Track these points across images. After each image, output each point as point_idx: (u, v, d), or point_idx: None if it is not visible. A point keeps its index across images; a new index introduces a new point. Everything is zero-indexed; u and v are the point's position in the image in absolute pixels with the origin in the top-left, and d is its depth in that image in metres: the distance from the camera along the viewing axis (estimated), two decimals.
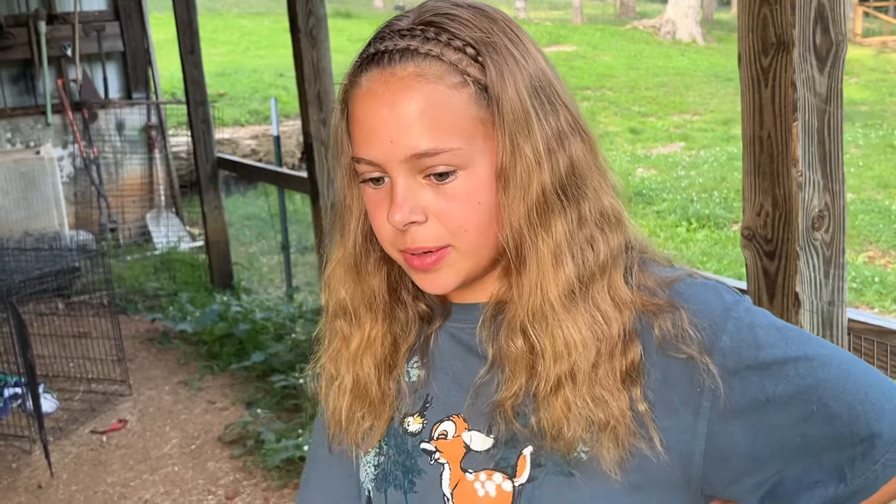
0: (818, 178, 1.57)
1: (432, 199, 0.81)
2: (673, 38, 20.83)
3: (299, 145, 9.47)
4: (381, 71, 0.81)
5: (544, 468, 0.84)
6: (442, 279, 0.85)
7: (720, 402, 0.80)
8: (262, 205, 8.14)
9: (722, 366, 0.80)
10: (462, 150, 0.80)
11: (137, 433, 3.97)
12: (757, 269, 1.65)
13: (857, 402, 0.80)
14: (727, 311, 0.83)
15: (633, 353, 0.82)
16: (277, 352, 4.36)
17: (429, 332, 0.95)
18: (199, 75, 5.55)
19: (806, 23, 1.51)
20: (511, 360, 0.84)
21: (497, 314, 0.87)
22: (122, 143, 7.01)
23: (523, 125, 0.80)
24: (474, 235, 0.82)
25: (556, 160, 0.81)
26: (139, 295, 5.77)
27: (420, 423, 0.93)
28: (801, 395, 0.80)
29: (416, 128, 0.79)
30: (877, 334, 1.62)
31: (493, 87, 0.80)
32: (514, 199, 0.81)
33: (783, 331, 0.83)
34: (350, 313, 0.94)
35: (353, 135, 0.84)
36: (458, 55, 0.80)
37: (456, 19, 0.81)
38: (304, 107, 3.73)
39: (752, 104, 1.59)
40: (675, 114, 13.40)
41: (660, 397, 0.82)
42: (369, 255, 0.92)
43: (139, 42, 7.02)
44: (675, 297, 0.84)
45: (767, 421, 0.81)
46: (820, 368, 0.81)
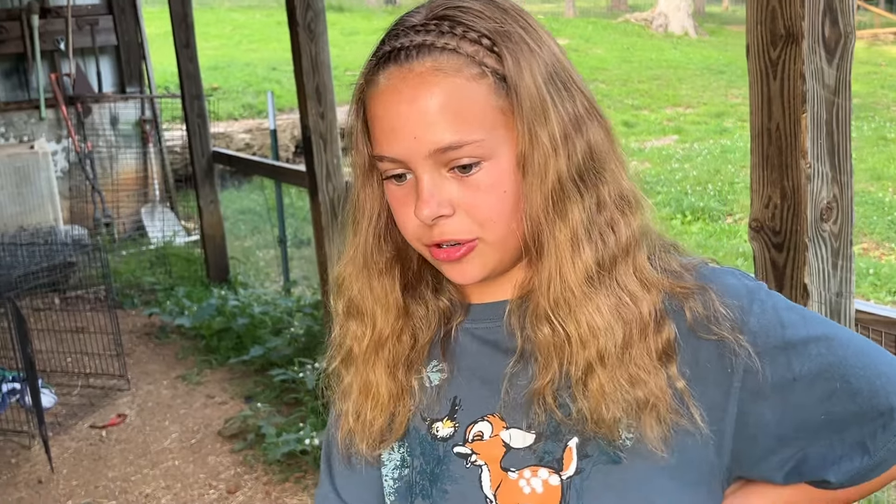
0: (826, 169, 1.57)
1: (458, 192, 0.81)
2: (665, 31, 20.84)
3: (293, 139, 9.45)
4: (399, 68, 0.81)
5: (591, 458, 0.84)
6: (471, 269, 0.84)
7: (750, 382, 0.82)
8: (257, 199, 8.13)
9: (752, 345, 0.82)
10: (485, 140, 0.80)
11: (137, 428, 3.97)
12: (765, 261, 1.66)
13: (875, 377, 0.84)
14: (752, 294, 0.85)
15: (668, 332, 0.82)
16: (276, 346, 4.36)
17: (448, 328, 0.94)
18: (195, 69, 5.53)
19: (815, 14, 1.51)
20: (541, 349, 0.84)
21: (523, 304, 0.88)
22: (117, 138, 6.98)
23: (540, 113, 0.81)
24: (502, 225, 0.82)
25: (574, 146, 0.82)
26: (135, 289, 5.76)
27: (451, 427, 0.92)
28: (825, 373, 0.83)
29: (439, 122, 0.79)
30: (884, 325, 1.63)
31: (511, 76, 0.80)
32: (532, 186, 0.81)
33: (801, 312, 0.87)
34: (362, 311, 0.93)
35: (374, 133, 0.84)
36: (474, 47, 0.80)
37: (469, 11, 0.82)
38: (302, 100, 3.72)
39: (760, 96, 1.59)
40: (668, 107, 13.41)
41: (694, 378, 0.83)
42: (381, 254, 0.92)
43: (133, 36, 6.99)
44: (703, 280, 0.85)
45: (794, 399, 0.83)
46: (839, 347, 0.84)
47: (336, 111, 3.81)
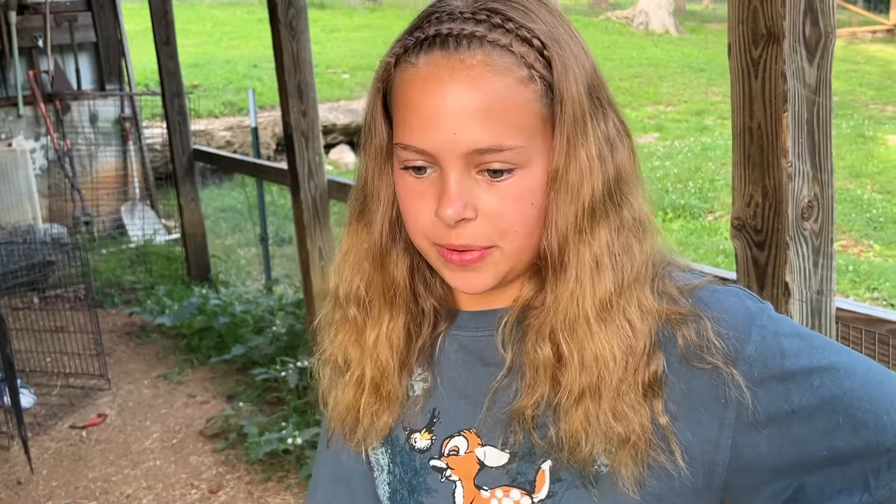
0: (807, 168, 1.58)
1: (486, 197, 0.77)
2: (646, 29, 20.91)
3: (274, 136, 9.41)
4: (447, 55, 0.75)
5: (564, 483, 0.82)
6: (480, 278, 0.81)
7: (745, 413, 0.78)
8: (238, 196, 8.09)
9: (748, 376, 0.78)
10: (524, 148, 0.76)
11: (117, 428, 3.94)
12: (747, 260, 1.67)
13: (882, 411, 0.78)
14: (752, 319, 0.80)
15: (656, 365, 0.79)
16: (258, 345, 4.34)
17: (435, 336, 0.91)
18: (175, 66, 5.50)
19: (796, 14, 1.52)
20: (534, 368, 0.81)
21: (521, 319, 0.84)
22: (96, 135, 6.93)
23: (581, 128, 0.77)
24: (522, 237, 0.79)
25: (607, 166, 0.79)
26: (115, 288, 5.72)
27: (428, 439, 0.90)
28: (827, 406, 0.78)
29: (482, 122, 0.75)
30: (864, 322, 1.64)
31: (559, 84, 0.76)
32: (564, 203, 0.78)
33: (807, 339, 0.81)
34: (365, 303, 0.90)
35: (404, 119, 0.78)
36: (525, 48, 0.76)
37: (519, 9, 0.77)
38: (283, 98, 3.71)
39: (742, 95, 1.60)
40: (649, 105, 13.47)
41: (682, 408, 0.80)
42: (395, 244, 0.87)
43: (112, 33, 6.94)
44: (698, 305, 0.81)
45: (793, 433, 0.78)
46: (845, 378, 0.79)
47: (318, 109, 3.79)
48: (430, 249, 0.82)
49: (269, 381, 4.03)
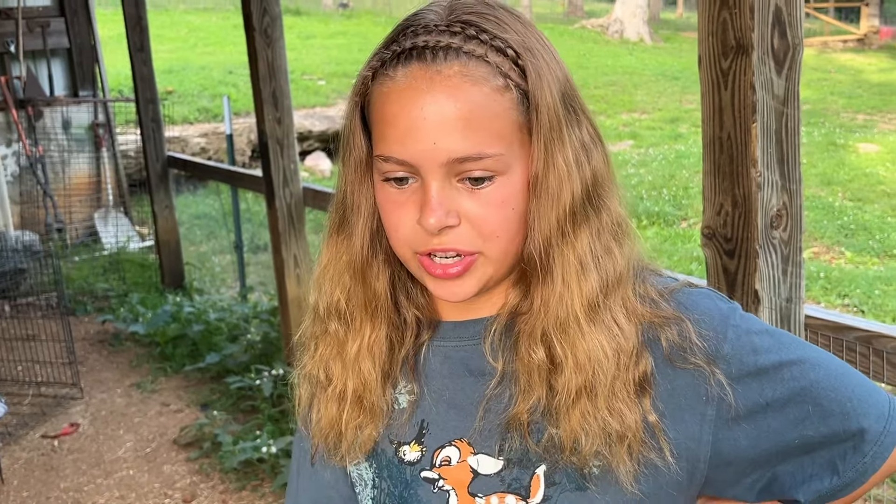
0: (776, 178, 1.60)
1: (468, 204, 0.79)
2: (621, 37, 21.05)
3: (250, 143, 9.38)
4: (425, 67, 0.77)
5: (558, 486, 0.84)
6: (463, 286, 0.82)
7: (725, 409, 0.82)
8: (213, 203, 8.05)
9: (726, 373, 0.82)
10: (503, 156, 0.78)
11: (90, 437, 3.91)
12: (717, 268, 1.68)
13: (846, 399, 0.85)
14: (726, 320, 0.84)
15: (645, 365, 0.82)
16: (232, 353, 4.32)
17: (417, 347, 0.92)
18: (149, 73, 5.47)
19: (764, 26, 1.54)
20: (528, 372, 0.82)
21: (510, 326, 0.85)
22: (69, 142, 6.87)
23: (557, 134, 0.79)
24: (505, 242, 0.80)
25: (584, 172, 0.81)
26: (88, 296, 5.67)
27: (418, 451, 0.90)
28: (797, 397, 0.83)
29: (462, 131, 0.76)
30: (833, 330, 1.67)
31: (533, 93, 0.78)
32: (544, 207, 0.79)
33: (775, 335, 0.86)
34: (346, 316, 0.90)
35: (383, 132, 0.79)
36: (500, 57, 0.78)
37: (492, 20, 0.79)
38: (258, 106, 3.70)
39: (712, 106, 1.62)
40: (623, 112, 13.55)
41: (668, 408, 0.83)
42: (376, 256, 0.88)
43: (85, 39, 6.89)
44: (679, 308, 0.84)
45: (767, 424, 0.83)
46: (811, 370, 0.85)
47: (293, 116, 3.79)
48: (413, 259, 0.83)
49: (244, 389, 4.01)
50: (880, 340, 1.59)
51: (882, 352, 1.59)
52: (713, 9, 1.58)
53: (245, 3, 3.58)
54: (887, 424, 0.86)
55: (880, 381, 1.61)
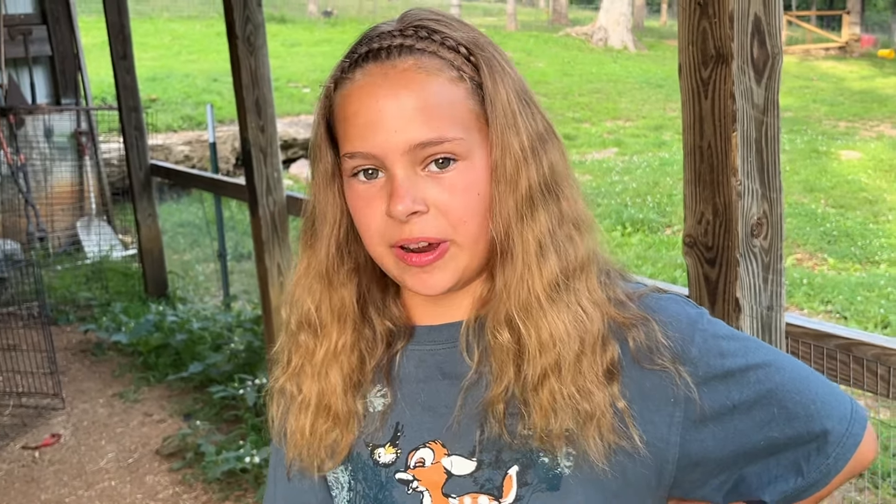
0: (756, 186, 1.61)
1: (434, 191, 0.82)
2: (605, 44, 21.15)
3: (234, 151, 9.36)
4: (381, 65, 0.82)
5: (530, 486, 0.85)
6: (439, 278, 0.84)
7: (692, 411, 0.84)
8: (197, 211, 8.02)
9: (693, 376, 0.84)
10: (463, 140, 0.81)
11: (72, 448, 3.87)
12: (698, 276, 1.69)
13: (810, 401, 0.87)
14: (694, 324, 0.86)
15: (611, 352, 0.84)
16: (215, 362, 4.30)
17: (392, 354, 0.93)
18: (132, 81, 5.45)
19: (744, 36, 1.54)
20: (498, 355, 0.84)
21: (479, 320, 0.88)
22: (51, 150, 6.83)
23: (512, 123, 0.83)
24: (474, 227, 0.83)
25: (540, 160, 0.84)
26: (71, 305, 5.63)
27: (393, 453, 0.91)
28: (763, 400, 0.86)
29: (420, 117, 0.80)
30: (813, 338, 1.67)
31: (487, 84, 0.83)
32: (503, 193, 0.82)
33: (741, 340, 0.89)
34: (315, 324, 0.92)
35: (346, 131, 0.83)
36: (451, 53, 0.83)
37: (443, 23, 0.85)
38: (241, 114, 3.69)
39: (692, 115, 1.63)
40: (608, 120, 13.60)
41: (637, 409, 0.84)
42: (343, 264, 0.91)
43: (68, 46, 6.86)
44: (646, 310, 0.87)
45: (734, 426, 0.85)
46: (776, 373, 0.87)
47: (276, 124, 3.78)
48: (389, 255, 0.85)
49: (227, 398, 3.99)
50: (860, 348, 1.60)
51: (862, 359, 1.60)
52: (693, 18, 1.59)
53: (228, 12, 3.57)
54: (849, 426, 0.88)
55: (860, 389, 1.61)
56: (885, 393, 1.57)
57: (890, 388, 1.57)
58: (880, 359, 1.57)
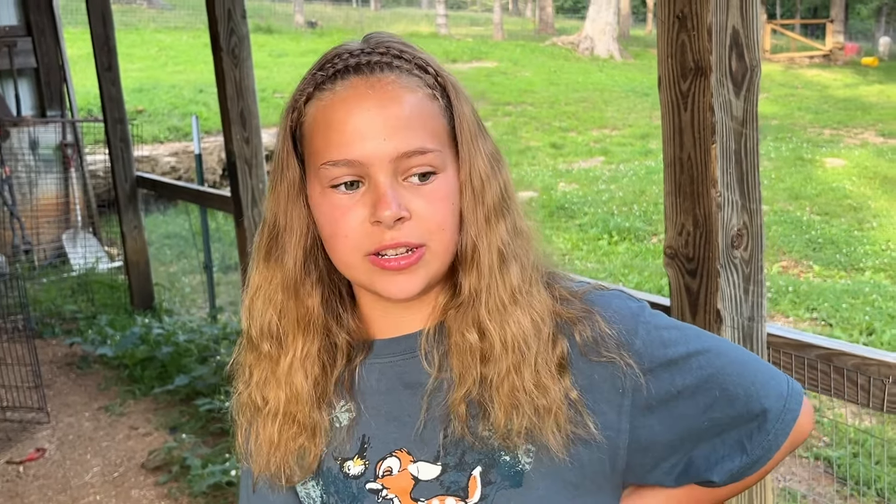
0: (736, 198, 1.62)
1: (416, 200, 0.85)
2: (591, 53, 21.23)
3: (221, 161, 9.35)
4: (365, 77, 0.85)
5: (494, 485, 0.89)
6: (412, 282, 0.86)
7: (639, 399, 0.89)
8: (183, 223, 8.00)
9: (639, 366, 0.89)
10: (441, 152, 0.86)
11: (56, 462, 3.85)
12: (680, 287, 1.70)
13: (749, 383, 0.93)
14: (636, 317, 0.91)
15: (561, 347, 0.89)
16: (202, 374, 4.28)
17: (352, 367, 0.95)
18: (117, 92, 5.44)
19: (722, 49, 1.56)
20: (462, 358, 0.88)
21: (440, 332, 0.92)
22: (37, 162, 6.80)
23: (475, 142, 0.89)
24: (449, 235, 0.87)
25: (498, 177, 0.90)
26: (56, 318, 5.60)
27: (362, 465, 0.93)
28: (705, 384, 0.91)
29: (405, 129, 0.83)
30: (794, 348, 1.68)
31: (454, 103, 0.88)
32: (473, 205, 0.88)
33: (682, 329, 0.94)
34: (278, 334, 0.93)
35: (328, 139, 0.85)
36: (423, 73, 0.87)
37: (407, 47, 0.89)
38: (226, 126, 3.69)
39: (672, 127, 1.64)
40: (594, 129, 13.65)
41: (588, 400, 0.89)
42: (309, 274, 0.92)
43: (53, 58, 6.84)
44: (589, 305, 0.91)
45: (679, 411, 0.90)
46: (716, 358, 0.92)
47: (262, 136, 3.78)
48: (362, 263, 0.86)
49: (213, 411, 3.97)
50: (840, 358, 1.61)
51: (842, 369, 1.61)
52: (672, 31, 1.60)
53: (212, 24, 3.57)
54: (786, 403, 0.94)
55: (841, 398, 1.62)
56: (866, 402, 1.58)
57: (870, 398, 1.58)
58: (860, 368, 1.58)
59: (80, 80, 8.16)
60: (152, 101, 11.93)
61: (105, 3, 5.38)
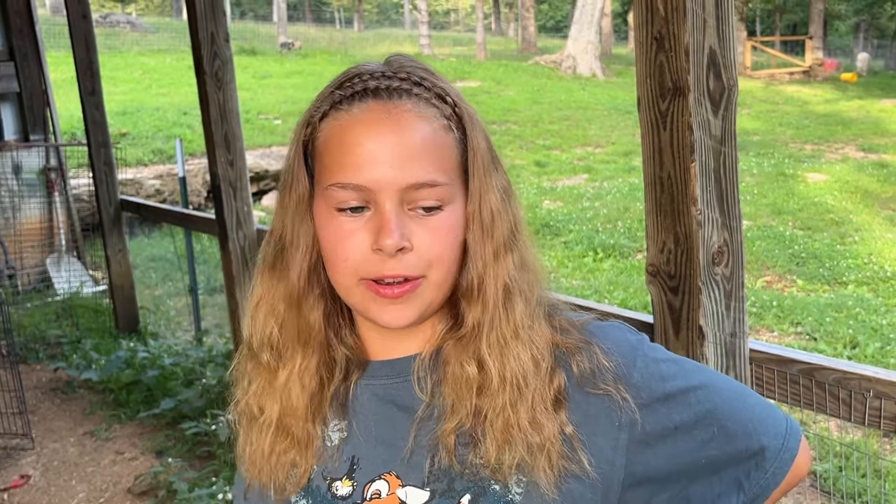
0: (716, 215, 1.64)
1: (419, 231, 0.84)
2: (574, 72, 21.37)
3: (206, 184, 9.34)
4: (382, 102, 0.84)
5: None
6: (406, 312, 0.86)
7: (636, 434, 0.87)
8: (168, 246, 7.98)
9: (635, 399, 0.87)
10: (449, 186, 0.85)
11: (41, 489, 3.81)
12: (662, 305, 1.71)
13: (747, 420, 0.92)
14: (634, 350, 0.90)
15: (558, 381, 0.87)
16: (188, 398, 4.26)
17: (347, 385, 0.95)
18: (101, 116, 5.44)
19: (700, 69, 1.58)
20: (457, 389, 0.87)
21: (436, 360, 0.91)
22: (20, 186, 6.78)
23: (488, 176, 0.88)
24: (447, 268, 0.86)
25: (509, 211, 0.90)
26: (40, 343, 5.57)
27: (350, 486, 0.92)
28: (703, 420, 0.90)
29: (417, 159, 0.83)
30: (776, 363, 1.70)
31: (470, 136, 0.87)
32: (482, 240, 0.87)
33: (680, 363, 0.93)
34: (278, 345, 0.93)
35: (340, 160, 0.84)
36: (441, 103, 0.86)
37: (429, 73, 0.88)
38: (210, 149, 3.69)
39: (652, 146, 1.66)
40: (578, 146, 13.73)
41: (583, 432, 0.87)
42: (313, 289, 0.92)
43: (36, 82, 6.83)
44: (588, 336, 0.90)
45: (677, 446, 0.89)
46: (714, 394, 0.91)
47: (246, 158, 3.78)
48: (357, 287, 0.86)
49: (200, 434, 3.95)
50: (822, 372, 1.62)
51: (824, 384, 1.62)
52: (650, 52, 1.63)
53: (196, 48, 3.58)
54: (785, 441, 0.93)
55: (823, 413, 1.64)
56: (847, 416, 1.60)
57: (852, 412, 1.59)
58: (841, 383, 1.59)
59: (63, 103, 8.14)
60: (136, 123, 11.92)
61: (88, 27, 5.39)
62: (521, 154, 13.13)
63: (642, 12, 1.62)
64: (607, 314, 1.77)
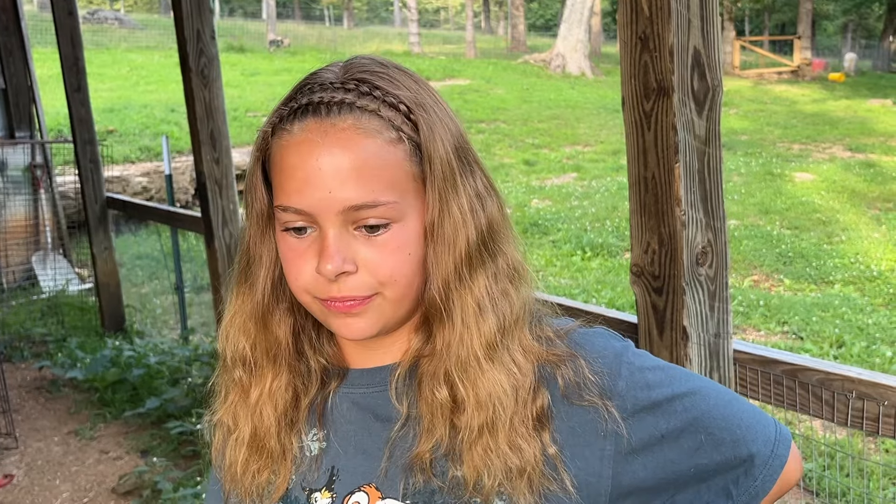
0: (700, 216, 1.64)
1: (364, 251, 0.82)
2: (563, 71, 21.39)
3: (193, 181, 9.30)
4: (320, 121, 0.80)
5: None
6: (364, 324, 0.84)
7: (622, 444, 0.85)
8: (154, 244, 7.95)
9: (621, 409, 0.85)
10: (397, 203, 0.81)
11: (25, 488, 3.79)
12: (646, 305, 1.71)
13: (735, 427, 0.89)
14: (619, 357, 0.88)
15: (542, 400, 0.85)
16: (173, 397, 4.24)
17: (326, 394, 0.94)
18: (87, 113, 5.40)
19: (684, 69, 1.58)
20: (431, 412, 0.85)
21: (413, 370, 0.88)
22: (5, 184, 6.73)
23: (451, 184, 0.83)
24: (403, 286, 0.83)
25: (479, 219, 0.85)
26: (25, 341, 5.53)
27: (329, 498, 0.91)
28: (690, 428, 0.87)
29: (355, 180, 0.79)
30: (760, 364, 1.69)
31: (426, 145, 0.82)
32: (442, 253, 0.83)
33: (666, 370, 0.90)
34: (250, 363, 0.92)
35: (281, 183, 0.82)
36: (392, 112, 0.82)
37: (385, 78, 0.83)
38: (196, 147, 3.68)
39: (636, 147, 1.65)
40: (567, 145, 13.74)
41: (568, 444, 0.85)
42: (278, 304, 0.91)
43: (22, 79, 6.78)
44: (573, 347, 0.88)
45: (664, 455, 0.87)
46: (702, 401, 0.89)
47: (232, 156, 3.77)
48: (314, 303, 0.85)
49: (185, 434, 3.93)
50: (805, 373, 1.62)
51: (808, 384, 1.62)
52: (635, 52, 1.62)
53: (181, 45, 3.57)
54: (774, 448, 0.91)
55: (806, 413, 1.64)
56: (830, 417, 1.60)
57: (835, 413, 1.59)
58: (824, 384, 1.59)
59: (49, 100, 8.09)
60: (123, 120, 11.86)
61: (74, 24, 5.35)
62: (510, 153, 13.13)
63: (627, 12, 1.62)
64: (592, 314, 1.77)
